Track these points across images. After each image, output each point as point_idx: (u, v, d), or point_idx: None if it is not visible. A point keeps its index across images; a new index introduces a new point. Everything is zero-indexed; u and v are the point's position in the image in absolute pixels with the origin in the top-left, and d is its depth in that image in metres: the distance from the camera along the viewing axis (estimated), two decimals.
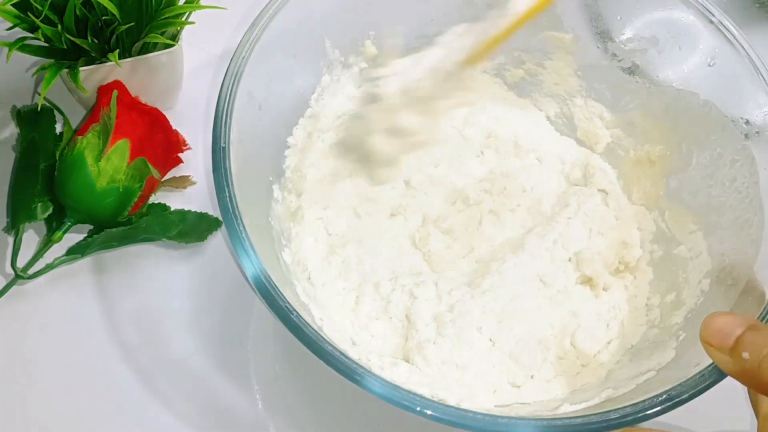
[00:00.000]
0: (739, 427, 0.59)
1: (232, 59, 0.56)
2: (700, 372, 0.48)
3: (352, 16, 0.65)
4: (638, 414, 0.47)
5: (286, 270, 0.57)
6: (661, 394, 0.47)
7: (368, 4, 0.65)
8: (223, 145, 0.52)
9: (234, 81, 0.55)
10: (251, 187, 0.55)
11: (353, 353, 0.56)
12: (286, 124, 0.64)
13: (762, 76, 0.60)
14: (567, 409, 0.51)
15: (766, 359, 0.43)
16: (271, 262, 0.52)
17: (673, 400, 0.47)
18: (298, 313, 0.47)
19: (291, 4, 0.59)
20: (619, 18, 0.67)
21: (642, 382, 0.53)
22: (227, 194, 0.50)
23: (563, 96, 0.72)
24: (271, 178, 0.61)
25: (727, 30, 0.61)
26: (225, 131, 0.53)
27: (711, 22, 0.62)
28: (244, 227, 0.50)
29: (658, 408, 0.47)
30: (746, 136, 0.60)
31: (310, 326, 0.47)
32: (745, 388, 0.48)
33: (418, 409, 0.45)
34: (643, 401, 0.47)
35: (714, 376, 0.48)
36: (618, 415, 0.46)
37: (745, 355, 0.43)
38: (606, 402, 0.51)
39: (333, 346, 0.46)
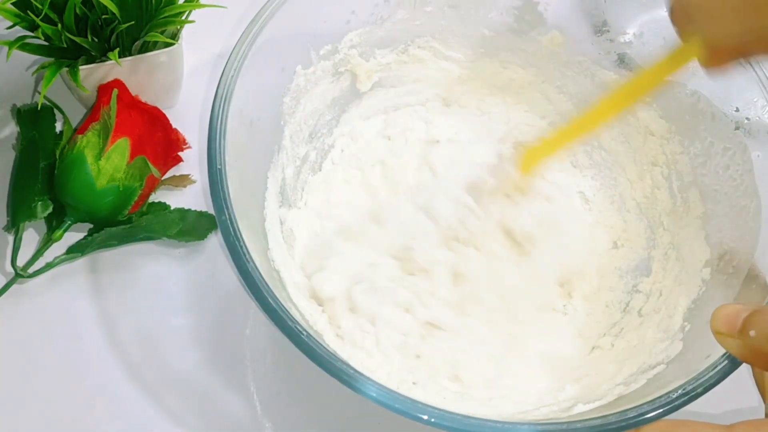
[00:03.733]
0: (748, 404, 0.55)
1: (220, 79, 0.52)
2: (713, 364, 0.45)
3: (336, 26, 0.62)
4: (656, 411, 0.43)
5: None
6: (675, 390, 0.44)
7: (352, 14, 0.62)
8: (219, 166, 0.49)
9: (224, 101, 0.51)
10: (250, 205, 0.53)
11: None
12: (276, 137, 0.60)
13: (749, 64, 0.56)
14: (581, 409, 0.48)
15: None
16: (274, 279, 0.49)
17: (689, 394, 0.44)
18: (308, 333, 0.44)
19: (275, 18, 0.56)
20: (603, 12, 0.64)
21: (652, 376, 0.49)
22: (227, 216, 0.47)
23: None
24: (266, 194, 0.58)
25: None
26: (220, 152, 0.49)
27: None
28: (246, 249, 0.46)
29: (675, 403, 0.43)
30: (737, 124, 0.56)
31: (321, 345, 0.43)
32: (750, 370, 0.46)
33: (425, 417, 0.42)
34: (660, 397, 0.44)
35: (726, 367, 0.45)
36: (635, 414, 0.43)
37: (752, 333, 0.41)
38: (619, 400, 0.48)
39: (345, 363, 0.43)
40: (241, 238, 0.47)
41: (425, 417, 0.42)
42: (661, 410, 0.43)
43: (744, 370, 0.45)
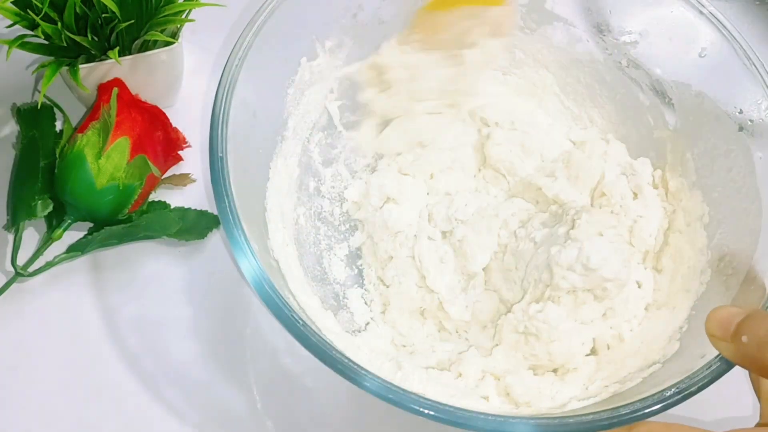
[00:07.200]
0: (741, 413, 0.57)
1: (224, 68, 0.54)
2: (707, 364, 0.46)
3: (341, 18, 0.63)
4: (648, 408, 0.44)
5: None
6: (669, 388, 0.45)
7: (359, 8, 0.63)
8: (220, 154, 0.50)
9: (228, 90, 0.53)
10: (250, 195, 0.54)
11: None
12: (279, 129, 0.61)
13: (755, 66, 0.57)
14: (575, 405, 0.49)
15: (763, 340, 0.42)
16: (272, 268, 0.50)
17: (682, 393, 0.45)
18: (304, 322, 0.45)
19: (281, 9, 0.57)
20: (609, 12, 0.65)
21: (648, 375, 0.50)
22: (227, 204, 0.48)
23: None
24: (267, 184, 0.59)
25: (719, 21, 0.59)
26: (222, 141, 0.51)
27: (702, 13, 0.60)
28: (245, 236, 0.48)
29: (668, 402, 0.45)
30: (740, 126, 0.57)
31: (317, 334, 0.45)
32: (746, 375, 0.47)
33: (426, 411, 0.43)
34: (653, 395, 0.45)
35: (720, 367, 0.46)
36: (628, 411, 0.44)
37: (744, 338, 0.43)
38: (614, 397, 0.49)
39: (341, 354, 0.44)
40: (240, 226, 0.48)
41: (419, 408, 0.43)
42: (654, 408, 0.44)
43: (739, 379, 0.47)
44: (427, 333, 0.60)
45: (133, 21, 0.61)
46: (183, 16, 0.63)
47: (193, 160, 0.68)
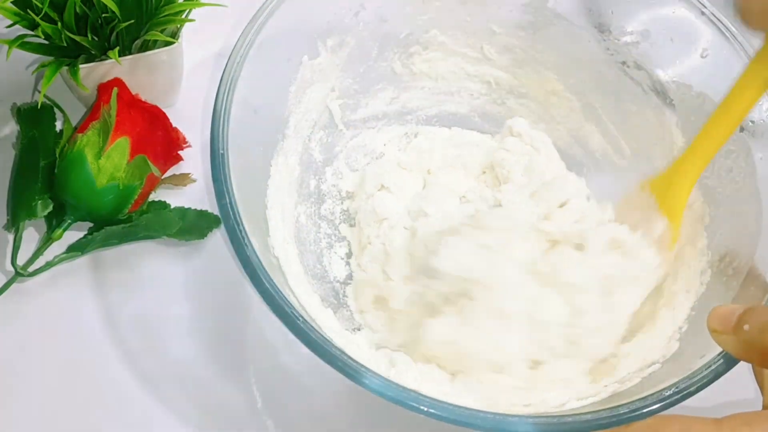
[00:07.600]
0: (744, 396, 0.56)
1: (226, 65, 0.54)
2: (706, 364, 0.47)
3: (343, 17, 0.63)
4: (647, 408, 0.44)
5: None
6: (668, 387, 0.45)
7: (361, 6, 0.63)
8: (221, 151, 0.50)
9: (229, 87, 0.53)
10: (251, 192, 0.54)
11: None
12: (280, 127, 0.62)
13: None
14: (573, 405, 0.49)
15: (765, 325, 0.43)
16: (272, 266, 0.50)
17: (681, 392, 0.45)
18: (303, 319, 0.45)
19: (283, 7, 0.57)
20: (611, 12, 0.65)
21: (647, 375, 0.50)
22: (228, 201, 0.49)
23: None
24: (268, 182, 0.59)
25: (720, 21, 0.59)
26: (223, 138, 0.51)
27: (703, 14, 0.60)
28: (246, 234, 0.48)
29: (667, 401, 0.45)
30: (741, 127, 0.57)
31: (317, 331, 0.45)
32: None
33: (426, 409, 0.43)
34: (652, 395, 0.45)
35: (720, 366, 0.46)
36: (627, 410, 0.44)
37: (746, 327, 0.43)
38: (613, 397, 0.49)
39: (340, 350, 0.44)
40: (241, 223, 0.48)
41: (419, 406, 0.43)
42: (653, 407, 0.44)
43: (741, 366, 0.46)
44: (382, 322, 0.60)
45: (133, 21, 0.61)
46: (183, 16, 0.63)
47: (193, 160, 0.68)
